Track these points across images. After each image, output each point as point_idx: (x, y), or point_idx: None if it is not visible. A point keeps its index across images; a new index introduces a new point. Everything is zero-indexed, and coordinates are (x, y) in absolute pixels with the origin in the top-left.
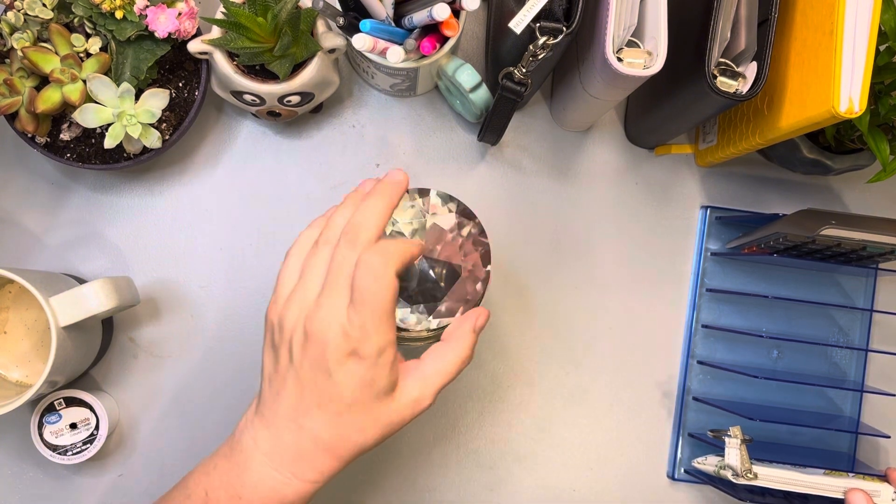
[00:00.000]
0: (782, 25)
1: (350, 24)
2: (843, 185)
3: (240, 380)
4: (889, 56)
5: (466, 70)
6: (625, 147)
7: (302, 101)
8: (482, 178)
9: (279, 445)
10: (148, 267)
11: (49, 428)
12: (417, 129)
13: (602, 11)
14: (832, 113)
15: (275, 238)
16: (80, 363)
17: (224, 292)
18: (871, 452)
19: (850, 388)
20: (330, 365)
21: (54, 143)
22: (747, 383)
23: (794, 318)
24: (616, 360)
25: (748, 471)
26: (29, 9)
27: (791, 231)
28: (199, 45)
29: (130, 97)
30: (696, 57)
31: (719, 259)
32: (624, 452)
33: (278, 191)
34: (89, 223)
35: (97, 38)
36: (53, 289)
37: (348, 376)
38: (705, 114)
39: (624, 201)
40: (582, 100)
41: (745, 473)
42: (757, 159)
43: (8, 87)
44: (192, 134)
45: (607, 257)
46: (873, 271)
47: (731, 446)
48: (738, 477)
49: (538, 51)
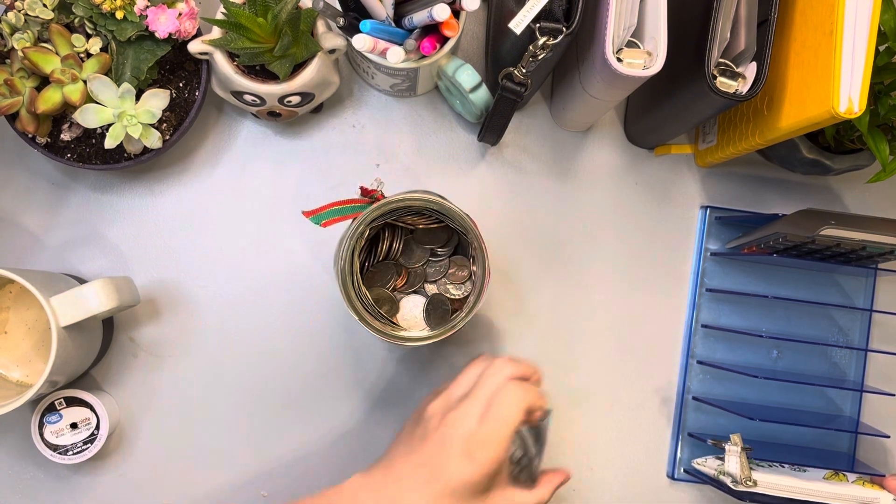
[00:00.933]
0: (782, 26)
1: (350, 24)
2: (843, 185)
3: (240, 379)
4: (889, 56)
5: (466, 70)
6: (625, 147)
7: (302, 102)
8: (482, 178)
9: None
10: (148, 267)
11: (50, 428)
12: (417, 129)
13: (602, 12)
14: (832, 113)
15: (275, 238)
16: (80, 363)
17: (224, 292)
18: (870, 452)
19: (850, 387)
20: (449, 455)
21: (55, 143)
22: (747, 383)
23: (794, 318)
24: (616, 360)
25: (747, 478)
26: (29, 9)
27: (791, 231)
28: (199, 45)
29: (131, 97)
30: (695, 57)
31: (719, 259)
32: (624, 452)
33: (278, 191)
34: (89, 223)
35: (98, 39)
36: (54, 289)
37: (460, 470)
38: (705, 114)
39: (624, 201)
40: (582, 100)
41: (745, 481)
42: (757, 159)
43: (8, 87)
44: (192, 134)
45: (607, 257)
46: (873, 271)
47: (730, 454)
48: (738, 484)
49: (538, 51)
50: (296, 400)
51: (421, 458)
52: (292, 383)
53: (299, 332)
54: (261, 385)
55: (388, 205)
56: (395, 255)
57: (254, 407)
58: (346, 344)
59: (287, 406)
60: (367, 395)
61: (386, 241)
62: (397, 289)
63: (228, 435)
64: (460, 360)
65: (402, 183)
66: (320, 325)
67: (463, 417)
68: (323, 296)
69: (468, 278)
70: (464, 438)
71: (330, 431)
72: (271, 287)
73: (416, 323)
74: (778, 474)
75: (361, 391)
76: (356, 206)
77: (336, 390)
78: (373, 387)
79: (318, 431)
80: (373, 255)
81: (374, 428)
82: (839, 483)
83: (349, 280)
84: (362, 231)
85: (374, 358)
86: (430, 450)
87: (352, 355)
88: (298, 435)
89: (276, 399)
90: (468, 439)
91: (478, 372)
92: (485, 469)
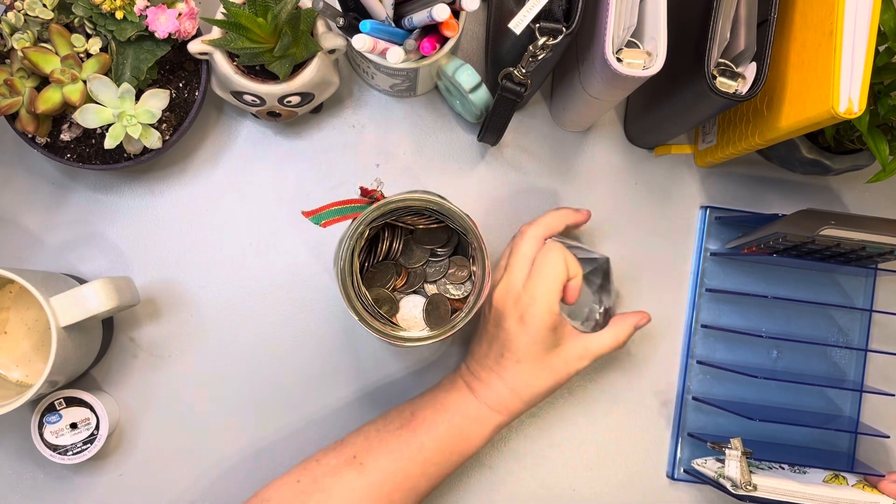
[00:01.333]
0: (782, 26)
1: (350, 24)
2: (843, 185)
3: (240, 379)
4: (888, 56)
5: (466, 70)
6: (625, 147)
7: (302, 102)
8: (482, 178)
9: (483, 389)
10: (148, 267)
11: (49, 428)
12: (417, 129)
13: (602, 12)
14: (832, 113)
15: (275, 238)
16: (80, 363)
17: (224, 292)
18: (870, 452)
19: (850, 388)
20: (507, 324)
21: (54, 143)
22: (747, 383)
23: (794, 318)
24: (616, 360)
25: (748, 483)
26: (29, 9)
27: (791, 231)
28: (199, 45)
29: (131, 97)
30: (695, 57)
31: (719, 259)
32: (624, 452)
33: (278, 191)
34: (89, 223)
35: (97, 39)
36: (54, 289)
37: (519, 334)
38: (705, 114)
39: (624, 201)
40: (582, 100)
41: (745, 486)
42: (756, 159)
43: (8, 87)
44: (192, 134)
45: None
46: (873, 271)
47: (731, 458)
48: (738, 488)
49: (538, 51)
50: (296, 400)
51: (491, 338)
52: (292, 383)
53: (299, 332)
54: (260, 385)
55: (387, 205)
56: (395, 255)
57: (253, 406)
58: (345, 344)
59: (287, 406)
60: (367, 396)
61: (386, 241)
62: (397, 289)
63: (228, 435)
64: (460, 360)
65: (401, 183)
66: (320, 326)
67: (507, 286)
68: (323, 296)
69: (468, 278)
70: (512, 303)
71: (330, 431)
72: (271, 287)
73: (416, 323)
74: (778, 477)
75: (361, 392)
76: (356, 206)
77: (336, 390)
78: (373, 387)
79: (317, 431)
80: (373, 255)
81: None
82: (839, 487)
83: (349, 280)
84: (362, 231)
85: (374, 358)
86: (492, 326)
87: (352, 355)
88: (298, 435)
89: (275, 399)
90: (518, 305)
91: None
92: (538, 329)
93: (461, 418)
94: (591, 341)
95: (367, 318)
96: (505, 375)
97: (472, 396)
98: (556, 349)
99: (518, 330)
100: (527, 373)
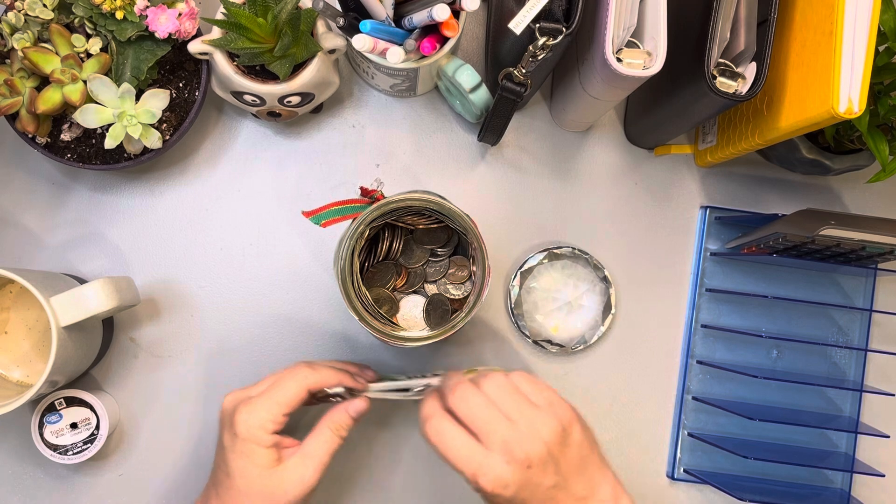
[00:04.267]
0: (782, 26)
1: (350, 24)
2: (843, 185)
3: (240, 380)
4: (888, 56)
5: (466, 70)
6: (624, 147)
7: (302, 102)
8: (482, 178)
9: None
10: (148, 267)
11: (50, 428)
12: (417, 129)
13: (602, 12)
14: (831, 113)
15: (275, 238)
16: (80, 363)
17: (224, 292)
18: (870, 452)
19: (850, 387)
20: (224, 443)
21: (55, 143)
22: (747, 383)
23: (794, 318)
24: (616, 360)
25: None
26: (29, 9)
27: (790, 231)
28: (199, 45)
29: (131, 97)
30: (695, 57)
31: (719, 259)
32: (624, 452)
33: (278, 191)
34: (89, 223)
35: (97, 39)
36: (54, 289)
37: (230, 453)
38: (705, 114)
39: (624, 201)
40: (582, 100)
41: None
42: (756, 159)
43: (9, 87)
44: (192, 134)
45: (607, 257)
46: (872, 271)
47: None
48: None
49: (538, 51)
50: None
51: (215, 462)
52: None
53: (299, 332)
54: None
55: (387, 205)
56: (395, 255)
57: None
58: (345, 344)
59: None
60: None
61: (386, 241)
62: (397, 289)
63: None
64: (460, 359)
65: (401, 183)
66: (320, 326)
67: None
68: (323, 296)
69: (468, 278)
70: (228, 424)
71: None
72: (271, 287)
73: (416, 323)
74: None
75: None
76: (356, 206)
77: None
78: None
79: None
80: (373, 255)
81: (374, 429)
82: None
83: (349, 280)
84: (362, 231)
85: (374, 358)
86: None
87: (351, 355)
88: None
89: None
90: (228, 420)
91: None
92: (247, 437)
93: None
94: (308, 450)
95: (367, 318)
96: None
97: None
98: (271, 469)
99: (228, 449)
100: (245, 499)
